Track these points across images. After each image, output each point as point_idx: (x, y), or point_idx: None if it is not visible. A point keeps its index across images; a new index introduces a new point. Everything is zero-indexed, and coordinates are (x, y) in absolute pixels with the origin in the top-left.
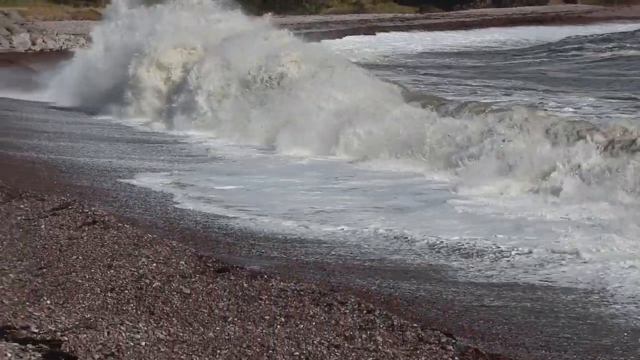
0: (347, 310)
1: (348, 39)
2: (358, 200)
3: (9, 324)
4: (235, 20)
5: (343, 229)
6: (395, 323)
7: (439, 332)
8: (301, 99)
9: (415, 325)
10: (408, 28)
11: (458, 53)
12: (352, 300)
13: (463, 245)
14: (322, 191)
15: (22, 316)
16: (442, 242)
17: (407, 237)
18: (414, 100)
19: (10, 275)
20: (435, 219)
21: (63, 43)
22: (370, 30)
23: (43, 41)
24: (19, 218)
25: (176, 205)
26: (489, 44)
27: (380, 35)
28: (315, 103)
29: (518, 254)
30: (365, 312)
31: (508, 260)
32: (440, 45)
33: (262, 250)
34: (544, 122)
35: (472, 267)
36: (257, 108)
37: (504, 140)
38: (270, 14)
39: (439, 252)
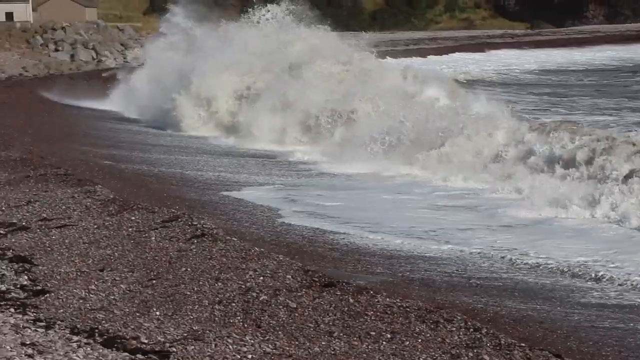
0: (454, 328)
1: (457, 55)
2: (462, 218)
3: (119, 334)
4: (319, 37)
5: (449, 246)
6: (502, 342)
7: (547, 352)
8: (368, 125)
9: (523, 344)
10: (519, 45)
11: (573, 71)
12: (459, 318)
13: (571, 265)
14: (427, 209)
15: (132, 327)
16: (549, 261)
17: (514, 256)
18: (510, 120)
19: (122, 286)
20: (542, 239)
21: None
22: (480, 47)
23: None
24: (130, 230)
25: (282, 220)
26: (605, 61)
27: (491, 52)
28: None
29: (629, 275)
30: (471, 330)
31: (619, 282)
32: (553, 62)
33: (368, 266)
34: (629, 145)
35: (582, 288)
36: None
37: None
38: (369, 32)
39: (546, 271)
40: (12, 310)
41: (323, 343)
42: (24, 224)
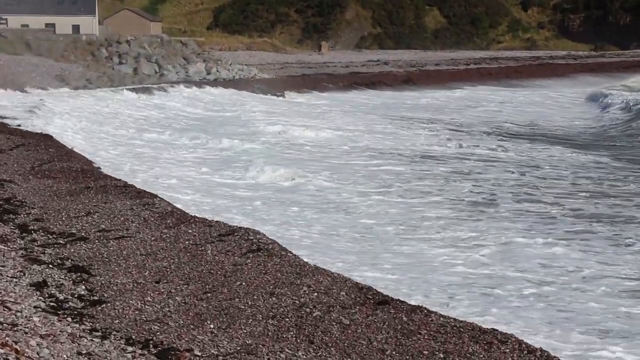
0: (507, 350)
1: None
2: None
3: (173, 345)
4: None
5: None
6: None
7: None
8: None
9: None
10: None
11: None
12: (513, 339)
13: None
14: None
15: (186, 339)
16: None
17: None
18: None
19: (177, 298)
20: None
21: (236, 73)
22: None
23: (217, 70)
24: (186, 243)
25: None
26: None
27: None
28: None
29: None
30: (525, 352)
31: None
32: None
33: None
34: None
35: None
36: None
37: None
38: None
39: None
40: (69, 319)
41: None
42: (83, 234)
